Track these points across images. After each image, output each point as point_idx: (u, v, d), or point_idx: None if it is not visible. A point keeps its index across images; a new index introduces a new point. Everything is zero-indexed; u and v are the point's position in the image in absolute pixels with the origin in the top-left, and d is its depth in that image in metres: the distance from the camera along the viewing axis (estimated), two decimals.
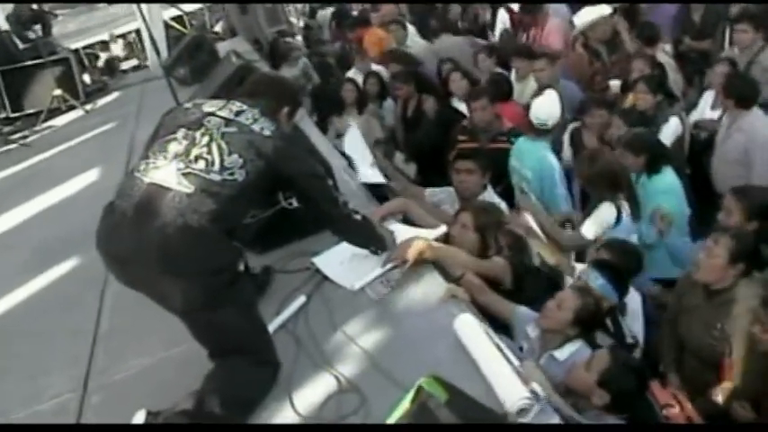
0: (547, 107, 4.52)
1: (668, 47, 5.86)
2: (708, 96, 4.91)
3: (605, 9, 6.11)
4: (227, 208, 2.31)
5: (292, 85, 3.04)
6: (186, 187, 2.27)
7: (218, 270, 2.30)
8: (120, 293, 2.50)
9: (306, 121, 5.36)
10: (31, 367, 3.17)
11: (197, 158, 2.33)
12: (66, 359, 3.15)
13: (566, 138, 5.00)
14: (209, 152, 2.34)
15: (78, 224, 4.39)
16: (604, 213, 3.86)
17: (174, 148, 2.38)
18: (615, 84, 5.63)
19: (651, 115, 4.65)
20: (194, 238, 2.24)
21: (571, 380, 2.63)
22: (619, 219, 3.83)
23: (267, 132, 2.44)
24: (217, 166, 2.32)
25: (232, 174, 2.33)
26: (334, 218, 2.71)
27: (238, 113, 2.48)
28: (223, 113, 2.47)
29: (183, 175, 2.30)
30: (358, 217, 2.79)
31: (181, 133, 2.41)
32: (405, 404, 1.63)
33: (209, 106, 2.53)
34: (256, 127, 2.44)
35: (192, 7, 14.07)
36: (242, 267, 2.41)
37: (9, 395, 3.00)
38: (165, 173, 2.32)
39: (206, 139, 2.38)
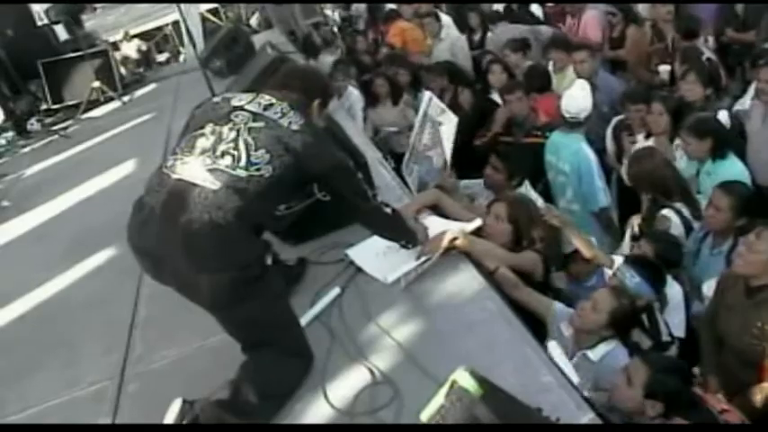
0: (577, 100, 4.46)
1: (710, 40, 5.73)
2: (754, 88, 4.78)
3: None
4: (253, 204, 2.30)
5: (323, 77, 3.02)
6: (212, 183, 2.27)
7: (244, 266, 2.28)
8: (156, 284, 2.53)
9: (340, 113, 5.36)
10: (69, 354, 3.23)
11: (223, 154, 2.32)
12: (103, 348, 3.20)
13: (608, 132, 4.93)
14: (236, 148, 2.33)
15: (116, 215, 4.43)
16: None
17: (201, 143, 2.37)
18: (664, 69, 5.53)
19: (699, 107, 4.50)
20: (219, 234, 2.23)
21: (618, 401, 2.60)
22: (688, 226, 3.75)
23: (295, 127, 2.41)
24: (243, 162, 2.31)
25: (258, 169, 2.31)
26: (363, 211, 2.69)
27: (267, 107, 2.45)
28: (251, 107, 2.45)
29: (210, 171, 2.29)
30: (388, 210, 2.75)
31: (209, 128, 2.41)
32: (439, 399, 1.62)
33: (238, 100, 2.51)
34: (284, 121, 2.41)
35: None
36: (269, 261, 2.41)
37: (48, 381, 3.06)
38: (192, 169, 2.32)
39: (233, 134, 2.37)
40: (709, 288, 3.40)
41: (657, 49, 5.90)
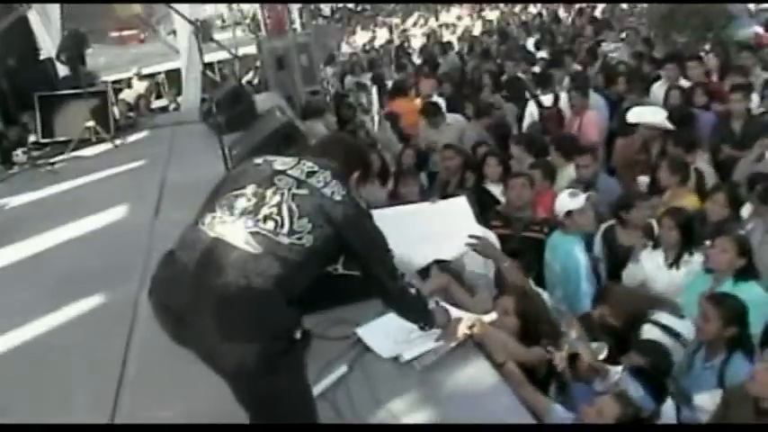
0: (569, 206, 4.54)
1: (706, 156, 5.90)
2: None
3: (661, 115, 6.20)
4: (292, 273, 2.24)
5: (365, 150, 3.00)
6: (254, 248, 2.21)
7: (276, 336, 2.21)
8: (148, 337, 2.42)
9: None
10: (52, 408, 3.07)
11: (266, 218, 2.27)
12: (88, 402, 3.07)
13: (598, 236, 4.96)
14: (279, 213, 2.28)
15: (106, 260, 4.33)
16: None
17: (241, 203, 2.32)
18: (643, 180, 5.69)
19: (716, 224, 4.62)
20: (255, 301, 2.17)
21: None
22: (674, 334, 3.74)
23: (338, 197, 2.37)
24: (286, 229, 2.26)
25: (300, 238, 2.26)
26: (390, 290, 2.60)
27: (309, 174, 2.41)
28: (294, 173, 2.40)
29: (251, 234, 2.23)
30: (413, 291, 2.68)
31: (250, 189, 2.35)
32: None
33: (280, 164, 2.45)
34: (327, 191, 2.37)
35: (222, 56, 14.24)
36: (299, 335, 2.31)
37: None
38: (232, 229, 2.26)
39: (277, 198, 2.31)
40: (702, 400, 3.39)
41: (640, 160, 6.07)
